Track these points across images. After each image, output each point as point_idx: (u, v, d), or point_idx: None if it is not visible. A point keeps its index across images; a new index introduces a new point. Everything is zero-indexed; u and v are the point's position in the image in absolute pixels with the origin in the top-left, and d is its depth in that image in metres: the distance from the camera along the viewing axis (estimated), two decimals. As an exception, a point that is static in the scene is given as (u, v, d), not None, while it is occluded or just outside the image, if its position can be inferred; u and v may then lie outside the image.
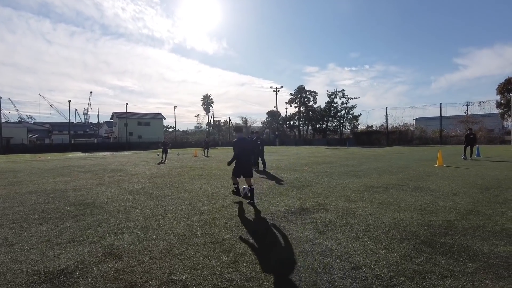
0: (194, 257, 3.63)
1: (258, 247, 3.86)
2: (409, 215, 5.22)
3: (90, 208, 6.40)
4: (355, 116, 61.58)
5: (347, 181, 9.23)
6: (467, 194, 6.89)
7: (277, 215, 5.43)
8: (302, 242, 4.03)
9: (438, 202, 6.19)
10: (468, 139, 16.52)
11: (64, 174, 13.10)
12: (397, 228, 4.51)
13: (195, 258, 3.59)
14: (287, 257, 3.53)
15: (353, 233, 4.32)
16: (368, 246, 3.80)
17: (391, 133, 50.30)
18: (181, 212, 5.86)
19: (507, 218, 4.88)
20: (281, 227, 4.70)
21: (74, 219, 5.48)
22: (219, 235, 4.41)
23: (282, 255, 3.59)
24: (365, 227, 4.58)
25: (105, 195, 7.79)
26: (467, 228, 4.44)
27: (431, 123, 55.63)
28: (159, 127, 68.32)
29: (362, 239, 4.06)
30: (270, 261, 3.45)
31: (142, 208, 6.29)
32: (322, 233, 4.37)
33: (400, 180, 9.19)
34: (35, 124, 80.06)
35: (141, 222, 5.22)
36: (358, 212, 5.52)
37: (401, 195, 7.00)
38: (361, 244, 3.89)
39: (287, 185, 8.80)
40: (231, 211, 5.79)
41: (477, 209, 5.51)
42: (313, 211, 5.70)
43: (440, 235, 4.13)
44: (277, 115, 69.66)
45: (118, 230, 4.76)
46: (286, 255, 3.60)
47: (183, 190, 8.37)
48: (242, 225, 4.89)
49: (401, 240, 3.98)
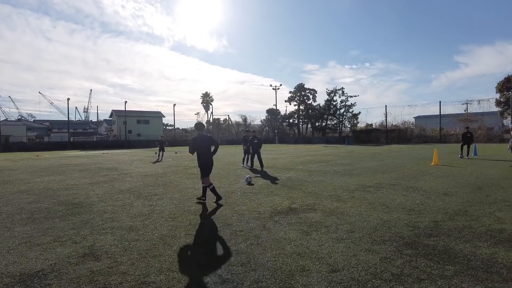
0: (173, 258, 3.59)
1: (238, 249, 3.82)
2: (396, 215, 5.18)
3: (78, 207, 6.37)
4: (355, 114, 61.43)
5: (340, 180, 9.19)
6: (458, 194, 6.84)
7: (264, 215, 5.40)
8: (284, 243, 3.99)
9: (427, 202, 6.14)
10: (465, 137, 16.44)
11: (58, 172, 13.07)
12: (381, 229, 4.47)
13: (174, 259, 3.56)
14: (267, 259, 3.49)
15: (336, 234, 4.28)
16: (350, 248, 3.76)
17: (390, 131, 50.17)
18: (168, 212, 5.82)
19: (494, 219, 4.84)
20: (266, 228, 4.67)
21: (60, 219, 5.45)
22: (202, 236, 4.38)
23: (262, 257, 3.55)
24: (350, 228, 4.54)
25: (95, 194, 7.76)
26: (453, 229, 4.40)
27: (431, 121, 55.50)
28: (158, 125, 68.27)
29: (345, 240, 4.02)
30: (250, 263, 3.41)
31: (130, 207, 6.25)
32: (306, 233, 4.33)
33: (393, 180, 9.15)
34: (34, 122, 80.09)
35: (126, 222, 5.19)
36: (345, 212, 5.48)
37: (392, 194, 6.95)
38: (343, 245, 3.85)
39: (279, 184, 8.76)
40: (218, 212, 5.76)
41: (466, 210, 5.47)
42: (301, 211, 5.66)
43: (424, 237, 4.09)
44: (277, 113, 69.52)
45: (102, 230, 4.73)
46: (265, 257, 3.56)
47: (174, 189, 8.34)
48: (227, 225, 4.85)
49: (384, 242, 3.94)
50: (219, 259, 3.54)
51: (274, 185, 8.74)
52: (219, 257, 3.60)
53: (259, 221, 5.02)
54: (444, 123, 49.87)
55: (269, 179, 9.98)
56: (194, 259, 3.55)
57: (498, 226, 4.47)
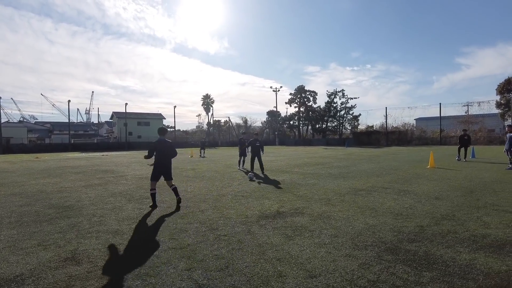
0: (153, 263, 3.60)
1: (219, 254, 3.82)
2: (383, 220, 5.17)
3: (68, 210, 6.39)
4: (355, 116, 61.42)
5: (333, 184, 9.18)
6: (449, 198, 6.82)
7: (251, 219, 5.40)
8: (266, 248, 3.99)
9: (417, 206, 6.13)
10: (462, 140, 16.41)
11: (55, 175, 13.11)
12: (365, 234, 4.46)
13: (153, 264, 3.56)
14: (246, 265, 3.49)
15: (319, 239, 4.28)
16: (331, 253, 3.76)
17: (390, 133, 50.12)
18: (157, 215, 5.83)
19: (480, 224, 4.82)
20: (251, 232, 4.67)
21: (48, 222, 5.46)
22: (185, 240, 4.38)
23: (241, 263, 3.55)
24: (334, 233, 4.53)
25: (87, 197, 7.78)
26: (437, 234, 4.38)
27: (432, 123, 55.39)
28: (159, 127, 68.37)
29: (327, 245, 4.02)
30: (228, 268, 3.41)
31: (120, 211, 6.27)
32: (289, 238, 4.33)
33: (386, 183, 9.13)
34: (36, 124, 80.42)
35: (114, 226, 5.20)
36: (332, 216, 5.47)
37: (382, 198, 6.94)
38: (324, 250, 3.85)
39: (271, 187, 8.76)
40: (206, 215, 5.76)
41: (453, 214, 5.45)
42: (288, 215, 5.66)
43: (407, 242, 4.08)
44: (277, 115, 69.57)
45: (88, 234, 4.74)
46: (245, 262, 3.56)
47: (166, 192, 8.34)
48: (213, 230, 4.85)
49: (366, 247, 3.93)
50: (198, 263, 3.54)
51: (267, 188, 8.74)
52: (199, 261, 3.60)
53: (244, 226, 5.02)
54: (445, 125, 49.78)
55: (263, 182, 9.98)
56: (173, 264, 3.56)
57: (482, 231, 4.45)
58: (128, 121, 55.90)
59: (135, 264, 3.56)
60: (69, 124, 53.35)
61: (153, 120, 67.23)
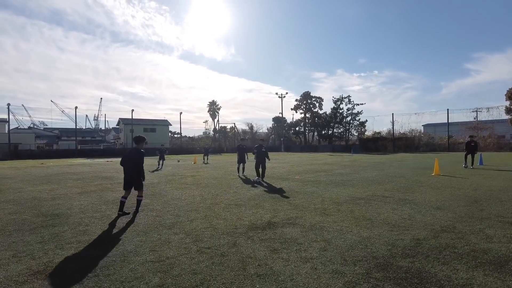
0: (126, 277, 3.38)
1: (197, 269, 3.59)
2: (378, 232, 4.88)
3: (56, 219, 6.23)
4: (362, 122, 60.82)
5: (332, 192, 8.88)
6: (451, 208, 6.49)
7: (240, 230, 5.15)
8: (248, 262, 3.74)
9: (416, 217, 5.82)
10: (469, 146, 15.95)
11: (54, 181, 13.05)
12: (357, 247, 4.18)
13: (125, 278, 3.35)
14: (223, 281, 3.25)
15: (307, 253, 4.01)
16: (316, 269, 3.49)
17: (397, 139, 49.42)
18: (143, 225, 5.63)
19: (481, 237, 4.50)
20: (236, 245, 4.42)
21: (31, 232, 5.30)
22: (166, 252, 4.16)
23: (218, 279, 3.31)
24: (324, 246, 4.26)
25: (79, 205, 7.63)
26: (434, 248, 4.08)
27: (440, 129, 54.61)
28: (165, 133, 68.65)
29: (313, 260, 3.75)
30: (203, 285, 3.18)
31: (107, 219, 6.09)
32: (275, 252, 4.08)
33: (387, 191, 8.80)
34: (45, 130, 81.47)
35: (96, 235, 5.01)
36: (325, 227, 5.20)
37: (381, 208, 6.64)
38: (309, 266, 3.59)
39: (268, 196, 8.50)
40: (193, 225, 5.54)
41: (454, 226, 5.13)
42: (280, 225, 5.40)
43: (400, 257, 3.79)
44: (283, 121, 69.31)
45: (67, 245, 4.56)
46: (222, 279, 3.32)
47: (159, 200, 8.15)
48: (197, 241, 4.62)
49: (355, 262, 3.66)
50: (173, 279, 3.31)
51: (263, 196, 8.49)
52: (174, 277, 3.37)
53: (231, 237, 4.78)
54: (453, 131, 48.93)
55: (260, 189, 9.73)
56: (146, 279, 3.33)
57: (484, 246, 4.14)
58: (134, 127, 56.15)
59: (107, 279, 3.35)
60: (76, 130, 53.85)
61: (159, 126, 67.48)
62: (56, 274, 3.52)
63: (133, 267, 3.69)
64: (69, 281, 3.34)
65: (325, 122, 64.31)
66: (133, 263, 3.82)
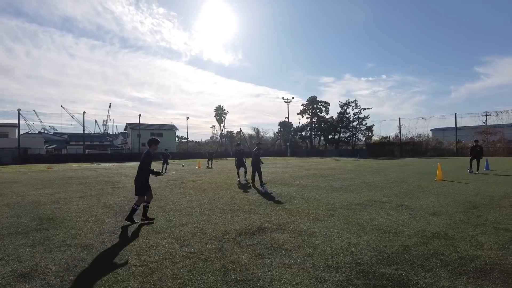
0: (106, 281, 3.40)
1: (177, 274, 3.59)
2: (367, 238, 4.82)
3: (50, 223, 6.31)
4: (369, 127, 60.38)
5: (329, 197, 8.81)
6: (447, 214, 6.37)
7: (229, 235, 5.14)
8: (230, 268, 3.73)
9: (410, 222, 5.73)
10: (474, 151, 15.70)
11: (56, 185, 13.23)
12: (343, 253, 4.13)
13: (106, 282, 3.36)
14: (201, 287, 3.24)
15: (291, 259, 3.98)
16: (297, 275, 3.46)
17: (404, 144, 48.89)
18: (135, 230, 5.66)
19: (472, 244, 4.41)
20: (222, 250, 4.41)
21: (24, 235, 5.37)
22: (151, 257, 4.17)
23: (197, 284, 3.30)
24: (309, 252, 4.22)
25: (76, 209, 7.71)
26: (421, 255, 4.01)
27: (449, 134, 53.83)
28: (172, 138, 69.19)
29: (296, 266, 3.72)
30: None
31: (101, 224, 6.13)
32: (259, 257, 4.05)
33: (386, 197, 8.69)
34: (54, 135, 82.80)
35: (87, 240, 5.05)
36: (315, 233, 5.15)
37: (376, 213, 6.55)
38: (291, 272, 3.55)
39: (264, 201, 8.48)
40: (184, 230, 5.54)
41: (446, 232, 5.04)
42: (269, 231, 5.37)
43: (384, 264, 3.73)
44: (289, 126, 69.22)
45: (56, 248, 4.60)
46: (201, 283, 3.31)
47: (155, 204, 8.19)
48: (184, 246, 4.62)
49: (338, 269, 3.61)
50: (152, 284, 3.31)
51: (259, 201, 8.46)
52: (153, 281, 3.37)
53: (218, 242, 4.77)
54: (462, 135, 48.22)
55: (257, 194, 9.71)
56: (125, 282, 3.34)
57: (472, 253, 4.05)
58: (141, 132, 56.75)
59: (87, 283, 3.37)
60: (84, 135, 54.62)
61: (166, 131, 68.04)
62: (39, 277, 3.55)
63: (116, 270, 3.71)
64: (50, 284, 3.36)
65: (332, 126, 64.02)
66: (117, 266, 3.84)
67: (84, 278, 3.51)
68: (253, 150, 13.02)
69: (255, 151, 12.86)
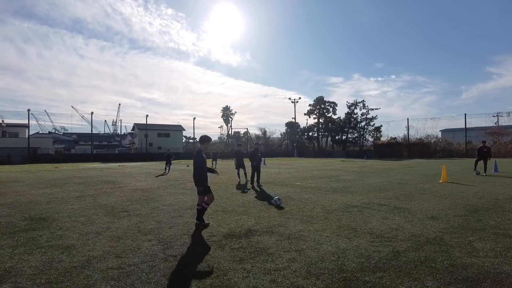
0: (77, 285, 3.28)
1: (152, 278, 3.45)
2: (357, 242, 4.61)
3: (40, 222, 6.26)
4: (377, 128, 59.66)
5: (327, 199, 8.59)
6: (446, 218, 6.11)
7: (215, 238, 5.00)
8: (208, 273, 3.57)
9: (405, 227, 5.49)
10: (481, 152, 15.26)
11: (58, 185, 13.28)
12: (328, 259, 3.94)
13: (76, 286, 3.25)
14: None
15: (273, 264, 3.80)
16: (275, 282, 3.29)
17: (413, 145, 48.12)
18: (122, 231, 5.54)
19: (467, 250, 4.17)
20: (204, 253, 4.27)
21: (10, 235, 5.32)
22: (130, 259, 4.04)
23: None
24: (293, 256, 4.04)
25: (69, 209, 7.66)
26: (410, 262, 3.79)
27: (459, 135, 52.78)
28: (179, 138, 69.52)
29: (276, 272, 3.54)
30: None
31: (90, 225, 6.05)
32: (240, 262, 3.89)
33: (385, 199, 8.44)
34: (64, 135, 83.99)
35: (71, 240, 4.96)
36: (303, 236, 4.97)
37: (372, 217, 6.33)
38: (269, 278, 3.38)
39: (259, 202, 8.31)
40: (171, 232, 5.41)
41: (442, 237, 4.79)
42: (258, 233, 5.21)
43: (370, 271, 3.53)
44: (296, 126, 68.84)
45: (38, 249, 4.52)
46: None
47: (149, 205, 8.10)
48: (167, 249, 4.48)
49: (319, 276, 3.43)
50: None
51: (255, 202, 8.30)
52: (126, 285, 3.24)
53: (202, 246, 4.63)
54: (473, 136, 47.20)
55: (254, 195, 9.55)
56: (97, 286, 3.22)
57: (466, 260, 3.82)
58: (148, 132, 57.13)
59: (58, 285, 3.25)
60: (92, 135, 55.20)
61: (173, 132, 68.41)
62: (10, 280, 3.45)
63: (91, 274, 3.59)
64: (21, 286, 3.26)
65: (339, 127, 63.45)
66: (93, 269, 3.72)
67: (55, 282, 3.40)
68: (251, 151, 12.91)
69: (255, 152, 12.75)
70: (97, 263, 3.94)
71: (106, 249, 4.49)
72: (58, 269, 3.77)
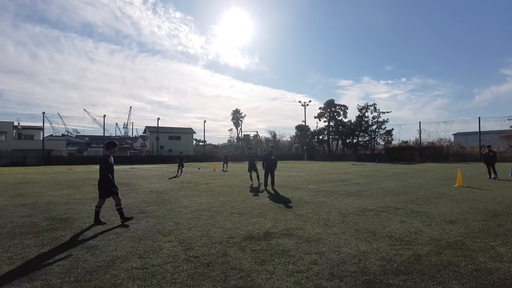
0: (104, 284, 3.36)
1: (177, 278, 3.51)
2: (377, 246, 4.61)
3: (62, 223, 6.42)
4: (388, 131, 59.04)
5: (342, 202, 8.57)
6: (466, 222, 6.04)
7: (234, 240, 5.04)
8: (231, 274, 3.62)
9: (424, 231, 5.45)
10: (487, 157, 15.19)
11: (74, 186, 13.54)
12: (350, 261, 3.95)
13: (104, 285, 3.33)
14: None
15: (295, 266, 3.83)
16: (299, 283, 3.32)
17: (425, 149, 47.46)
18: (141, 231, 5.64)
19: (490, 255, 4.12)
20: (226, 255, 4.32)
21: (34, 235, 5.46)
22: (153, 260, 4.12)
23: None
24: (315, 259, 4.06)
25: (87, 210, 7.83)
26: (433, 266, 3.78)
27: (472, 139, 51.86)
28: (189, 141, 70.03)
29: (299, 274, 3.57)
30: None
31: (110, 224, 6.20)
32: (262, 263, 3.93)
33: (401, 203, 8.37)
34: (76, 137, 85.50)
35: (93, 241, 5.07)
36: (322, 239, 4.98)
37: (389, 220, 6.29)
38: (292, 280, 3.41)
39: (274, 205, 8.34)
40: (190, 233, 5.48)
41: (463, 242, 4.75)
42: (276, 236, 5.24)
43: (393, 274, 3.53)
44: (306, 130, 68.64)
45: (62, 249, 4.63)
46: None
47: (166, 206, 8.21)
48: (188, 250, 4.55)
49: (342, 278, 3.44)
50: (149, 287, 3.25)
51: (270, 205, 8.33)
52: (151, 285, 3.31)
53: (223, 247, 4.68)
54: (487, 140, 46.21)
55: (269, 198, 9.58)
56: (124, 285, 3.30)
57: (491, 265, 3.78)
58: (160, 135, 57.74)
59: (87, 285, 3.35)
60: (104, 138, 56.02)
61: (183, 135, 68.98)
62: (40, 277, 3.56)
63: (116, 273, 3.68)
64: (50, 285, 3.36)
65: (350, 130, 63.03)
66: (118, 269, 3.81)
67: (83, 280, 3.49)
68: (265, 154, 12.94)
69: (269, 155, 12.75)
70: (121, 263, 4.03)
71: (128, 250, 4.58)
72: (84, 268, 3.87)
